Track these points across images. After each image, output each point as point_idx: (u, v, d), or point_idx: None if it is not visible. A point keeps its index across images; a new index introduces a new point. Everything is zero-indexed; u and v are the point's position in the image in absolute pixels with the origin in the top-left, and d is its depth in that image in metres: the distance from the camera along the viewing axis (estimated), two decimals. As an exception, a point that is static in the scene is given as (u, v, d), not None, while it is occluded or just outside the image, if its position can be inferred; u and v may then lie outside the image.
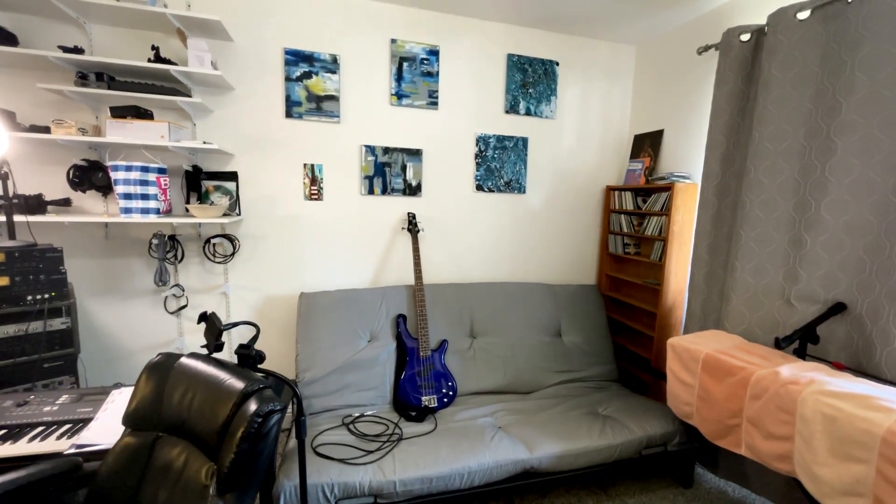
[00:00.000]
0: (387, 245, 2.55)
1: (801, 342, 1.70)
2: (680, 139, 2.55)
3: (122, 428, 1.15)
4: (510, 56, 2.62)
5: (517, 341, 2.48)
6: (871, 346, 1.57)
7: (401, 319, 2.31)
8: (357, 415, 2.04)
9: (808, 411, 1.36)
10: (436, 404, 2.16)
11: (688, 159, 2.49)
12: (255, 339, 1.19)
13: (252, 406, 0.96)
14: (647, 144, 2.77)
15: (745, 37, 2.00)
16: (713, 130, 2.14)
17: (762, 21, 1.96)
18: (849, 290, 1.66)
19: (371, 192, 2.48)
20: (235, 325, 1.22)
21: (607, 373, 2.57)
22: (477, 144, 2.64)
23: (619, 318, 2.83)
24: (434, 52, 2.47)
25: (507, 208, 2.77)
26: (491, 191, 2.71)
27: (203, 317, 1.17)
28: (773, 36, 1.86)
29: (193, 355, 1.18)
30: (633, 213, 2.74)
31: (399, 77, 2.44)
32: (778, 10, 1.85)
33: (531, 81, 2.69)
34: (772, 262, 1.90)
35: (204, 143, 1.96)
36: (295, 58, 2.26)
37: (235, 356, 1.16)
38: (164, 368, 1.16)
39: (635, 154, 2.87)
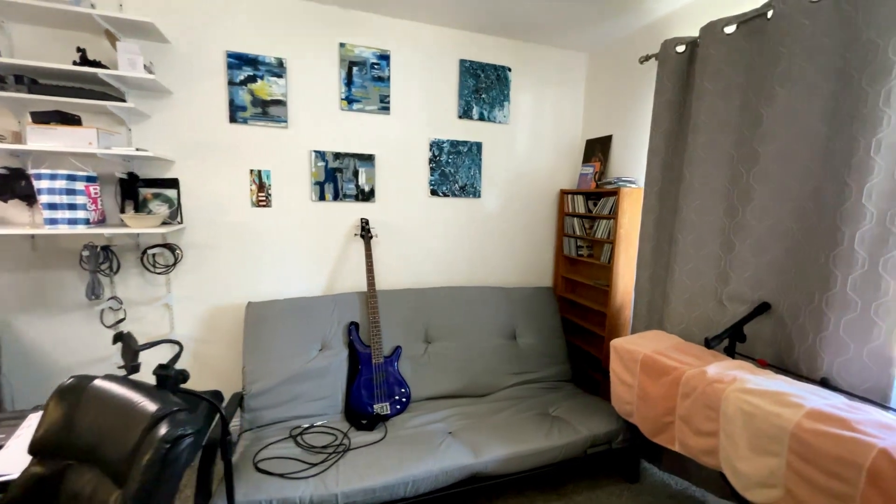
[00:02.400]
0: (340, 252, 2.52)
1: (731, 341, 1.79)
2: (627, 145, 2.63)
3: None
4: (462, 61, 2.63)
5: (472, 345, 2.50)
6: (791, 343, 1.66)
7: (353, 327, 2.28)
8: (306, 426, 2.01)
9: (730, 408, 1.44)
10: (388, 411, 2.15)
11: (634, 164, 2.57)
12: (176, 358, 1.15)
13: (161, 430, 0.93)
14: (598, 149, 2.85)
15: (681, 48, 2.08)
16: (654, 137, 2.21)
17: (696, 34, 2.04)
18: (772, 291, 1.75)
19: (322, 198, 2.44)
20: (153, 344, 1.18)
21: (561, 373, 2.62)
22: (431, 149, 2.64)
23: (575, 320, 2.90)
24: (385, 57, 2.46)
25: (463, 213, 2.79)
26: (446, 195, 2.72)
27: (118, 337, 1.12)
28: (704, 48, 1.95)
29: (109, 377, 1.13)
30: (584, 216, 2.81)
31: (349, 82, 2.41)
32: (708, 24, 1.93)
33: (484, 87, 2.72)
34: (706, 264, 1.98)
35: (137, 149, 1.88)
36: (238, 61, 2.19)
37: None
38: (75, 392, 1.10)
39: (587, 158, 2.94)
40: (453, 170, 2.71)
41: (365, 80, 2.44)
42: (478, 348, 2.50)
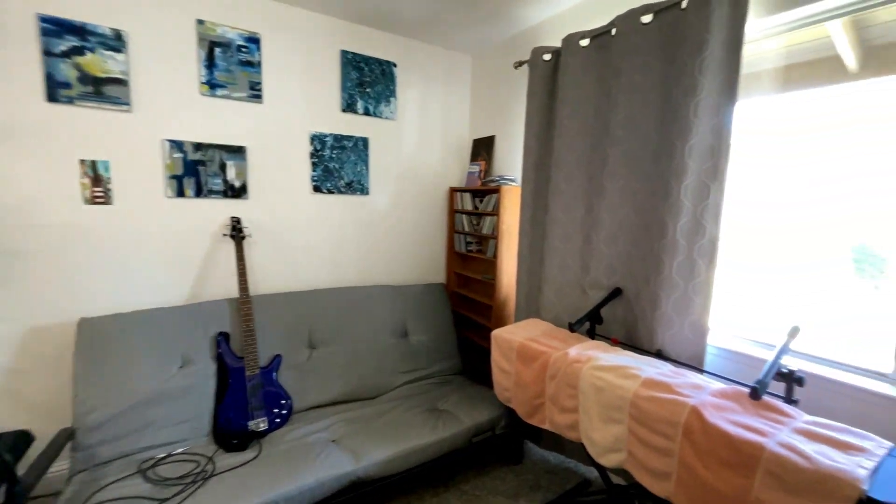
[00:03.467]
0: (206, 255, 2.24)
1: (591, 324, 1.99)
2: (507, 145, 2.78)
3: None
4: (344, 52, 2.53)
5: (361, 346, 2.42)
6: (636, 322, 1.90)
7: (222, 338, 2.05)
8: (162, 456, 1.74)
9: (585, 385, 1.58)
10: (266, 426, 1.97)
11: (514, 164, 2.72)
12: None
13: None
14: (483, 149, 2.96)
15: (547, 56, 2.25)
16: (527, 139, 2.36)
17: (560, 44, 2.22)
18: (623, 278, 1.98)
19: (181, 194, 2.14)
20: None
21: (452, 367, 2.68)
22: (312, 143, 2.49)
23: (468, 314, 2.98)
24: (254, 40, 2.24)
25: (350, 210, 2.69)
26: (331, 192, 2.59)
27: None
28: (565, 58, 2.12)
29: None
30: (472, 213, 2.91)
31: (211, 64, 2.15)
32: (568, 36, 2.11)
33: (369, 81, 2.64)
34: (572, 257, 2.17)
35: None
36: (57, 28, 1.81)
37: None
38: None
39: (474, 157, 3.05)
40: (338, 165, 2.60)
41: (231, 63, 2.20)
42: (367, 350, 2.43)
